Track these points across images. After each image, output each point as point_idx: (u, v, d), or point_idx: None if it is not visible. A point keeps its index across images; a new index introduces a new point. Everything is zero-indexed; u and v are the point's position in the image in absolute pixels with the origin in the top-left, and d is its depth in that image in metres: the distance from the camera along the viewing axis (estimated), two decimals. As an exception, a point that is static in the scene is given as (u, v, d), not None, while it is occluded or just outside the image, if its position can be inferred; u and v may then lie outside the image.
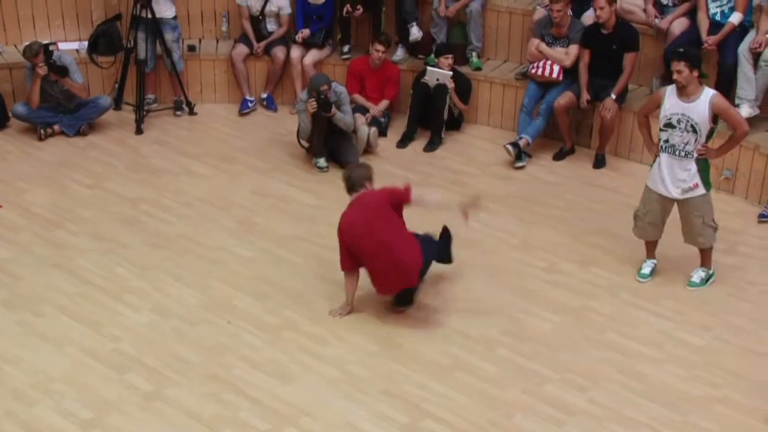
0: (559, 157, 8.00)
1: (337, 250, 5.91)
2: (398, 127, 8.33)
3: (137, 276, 6.34)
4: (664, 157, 6.03)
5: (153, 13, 8.22)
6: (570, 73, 7.87)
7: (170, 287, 6.23)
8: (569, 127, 7.96)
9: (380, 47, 8.15)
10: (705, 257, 6.29)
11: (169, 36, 8.40)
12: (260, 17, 8.69)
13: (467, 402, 5.30)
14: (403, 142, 8.19)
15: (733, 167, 7.36)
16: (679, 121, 5.92)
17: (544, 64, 7.90)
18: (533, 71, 7.98)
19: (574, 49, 7.81)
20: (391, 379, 5.47)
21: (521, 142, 7.82)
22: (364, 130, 7.97)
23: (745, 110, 7.27)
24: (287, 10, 8.66)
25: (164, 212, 7.12)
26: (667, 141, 6.00)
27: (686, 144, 5.94)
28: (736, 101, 7.34)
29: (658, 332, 5.88)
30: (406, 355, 5.67)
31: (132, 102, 8.46)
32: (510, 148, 7.79)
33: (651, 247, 6.39)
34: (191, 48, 8.83)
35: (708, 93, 5.90)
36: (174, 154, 8.02)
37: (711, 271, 6.33)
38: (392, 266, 5.75)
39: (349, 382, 5.43)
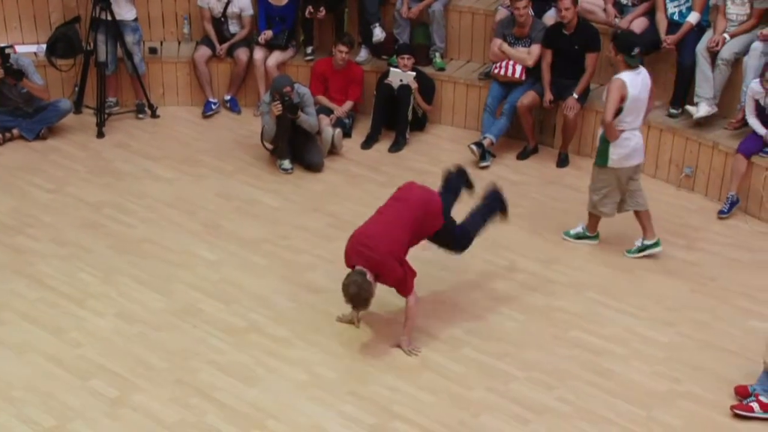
0: (522, 156, 8.06)
1: (301, 251, 5.87)
2: (362, 128, 8.34)
3: (100, 281, 6.27)
4: None
5: (113, 15, 8.14)
6: (532, 72, 7.93)
7: (134, 292, 6.18)
8: (532, 126, 8.02)
9: (343, 48, 8.15)
10: (643, 226, 6.58)
11: (129, 38, 8.32)
12: (222, 19, 8.64)
13: (434, 402, 5.32)
14: (368, 143, 8.20)
15: (693, 165, 7.47)
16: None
17: (507, 64, 7.95)
18: (496, 71, 8.03)
19: (536, 48, 7.87)
20: (358, 380, 5.47)
21: (485, 142, 7.87)
22: (329, 132, 7.96)
23: (703, 109, 7.39)
24: (249, 11, 8.63)
25: (127, 216, 7.06)
26: None
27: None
28: (695, 99, 7.46)
29: (623, 329, 5.95)
30: (373, 355, 5.67)
31: (93, 105, 8.37)
32: (474, 148, 7.83)
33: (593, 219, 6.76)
34: (152, 50, 8.76)
35: (618, 75, 6.22)
36: (136, 157, 7.95)
37: (649, 242, 6.60)
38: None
39: (316, 384, 5.43)
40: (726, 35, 7.37)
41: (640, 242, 6.64)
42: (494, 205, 6.29)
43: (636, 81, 6.23)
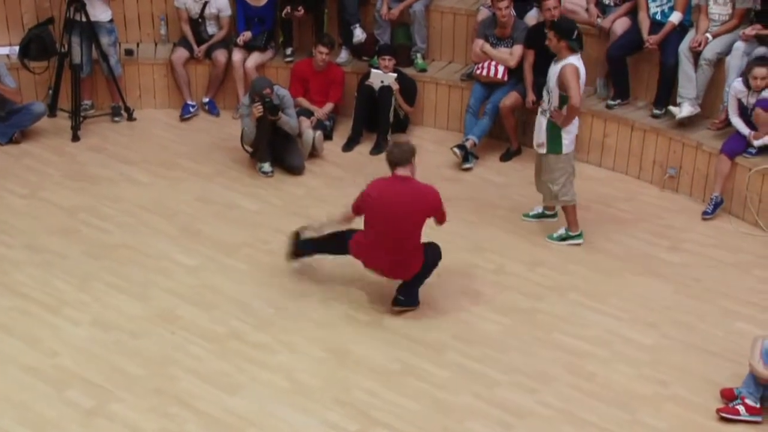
0: (505, 158, 8.10)
1: (282, 255, 5.85)
2: (344, 131, 8.34)
3: (76, 288, 6.24)
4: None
5: (88, 16, 8.10)
6: (515, 73, 7.97)
7: (111, 298, 6.15)
8: (515, 127, 8.06)
9: (323, 49, 8.15)
10: (568, 219, 6.78)
11: (105, 40, 8.28)
12: (200, 20, 8.62)
13: (418, 408, 5.33)
14: (349, 145, 8.20)
15: (676, 165, 7.53)
16: (548, 80, 6.54)
17: (489, 64, 7.98)
18: (478, 72, 8.06)
19: (518, 49, 7.90)
20: (341, 386, 5.48)
21: (468, 143, 7.90)
22: (309, 134, 7.96)
23: (687, 109, 7.45)
24: (227, 12, 8.61)
25: (103, 221, 7.02)
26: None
27: (545, 102, 6.56)
28: (678, 100, 7.52)
29: (606, 331, 5.98)
30: (356, 361, 5.68)
31: (67, 108, 8.32)
32: (457, 150, 7.85)
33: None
34: (129, 52, 8.72)
35: (567, 60, 6.37)
36: (113, 161, 7.91)
37: (572, 234, 6.78)
38: (387, 258, 5.88)
39: (298, 391, 5.42)
40: (708, 35, 7.43)
41: (564, 231, 6.83)
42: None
43: (581, 64, 6.45)
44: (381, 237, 5.85)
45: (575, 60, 6.38)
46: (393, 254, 5.88)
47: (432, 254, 6.01)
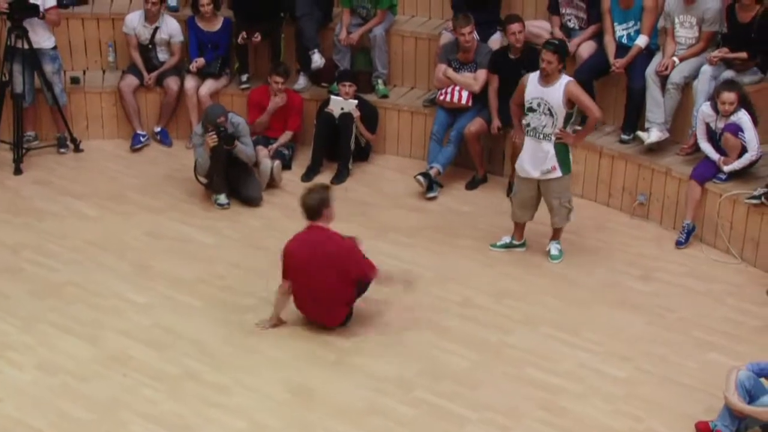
0: (471, 186, 8.19)
1: (239, 291, 5.85)
2: (303, 160, 8.39)
3: (20, 330, 6.17)
4: (527, 140, 6.84)
5: (30, 43, 8.09)
6: (479, 98, 8.09)
7: (58, 340, 6.10)
8: (481, 154, 8.16)
9: (279, 79, 8.21)
10: (556, 234, 7.07)
11: (48, 67, 8.27)
12: (150, 46, 8.65)
13: (384, 448, 5.34)
14: (309, 174, 8.25)
15: (646, 191, 7.67)
16: (539, 105, 6.68)
17: (453, 90, 8.10)
18: (441, 98, 8.18)
19: (482, 73, 8.04)
20: (303, 427, 5.47)
21: (432, 172, 7.98)
22: (267, 164, 8.00)
23: (655, 134, 7.61)
24: (179, 37, 8.66)
25: (49, 259, 6.97)
26: (528, 125, 6.80)
27: (544, 127, 6.69)
28: (646, 125, 7.68)
29: (579, 365, 6.05)
30: (318, 401, 5.68)
31: (9, 140, 8.27)
32: (421, 178, 7.93)
33: (518, 229, 7.17)
34: (74, 80, 8.71)
35: (564, 79, 6.67)
36: (59, 195, 7.87)
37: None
38: (313, 306, 6.12)
39: (258, 433, 5.41)
40: (675, 59, 7.62)
41: (559, 244, 7.06)
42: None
43: None
44: (303, 289, 6.07)
45: (567, 76, 6.67)
46: (316, 306, 6.12)
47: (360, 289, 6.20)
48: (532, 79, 6.73)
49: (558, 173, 6.77)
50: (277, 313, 6.20)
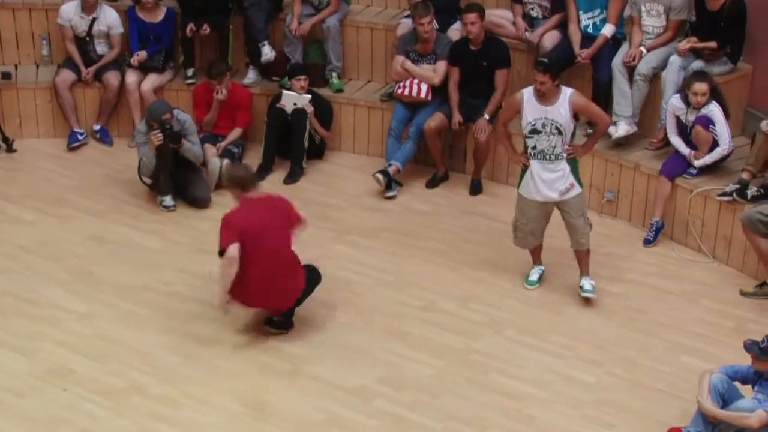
0: (432, 184, 8.23)
1: (186, 298, 5.81)
2: (254, 158, 8.36)
3: (-50, 343, 6.10)
4: (534, 164, 6.51)
5: (-43, 36, 7.99)
6: (439, 92, 8.12)
7: (-8, 354, 6.03)
8: (441, 151, 8.20)
9: (214, 82, 8.11)
10: (586, 262, 6.75)
11: (-23, 62, 8.17)
12: (87, 38, 8.57)
13: (343, 462, 5.35)
14: (261, 174, 8.20)
15: (614, 188, 7.76)
16: (543, 126, 6.41)
17: (411, 83, 8.12)
18: (400, 91, 8.20)
19: (441, 65, 8.07)
20: (257, 442, 5.47)
21: (391, 170, 8.00)
22: (216, 163, 7.96)
23: (623, 128, 7.69)
24: (118, 29, 8.59)
25: (-19, 266, 6.90)
26: (534, 147, 6.49)
27: (554, 147, 6.46)
28: (614, 118, 7.75)
29: (546, 370, 6.11)
30: (274, 413, 5.67)
31: (-63, 139, 8.17)
32: (379, 176, 7.95)
33: (536, 253, 6.91)
34: (6, 75, 8.60)
35: (566, 93, 6.42)
36: (-9, 198, 7.79)
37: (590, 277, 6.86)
38: (274, 281, 6.00)
39: (209, 449, 5.40)
40: (643, 49, 7.71)
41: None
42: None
43: None
44: (262, 261, 5.98)
45: (567, 88, 6.50)
46: (273, 282, 6.02)
47: (311, 276, 6.24)
48: (528, 97, 6.40)
49: (577, 189, 6.52)
50: (226, 288, 6.02)
